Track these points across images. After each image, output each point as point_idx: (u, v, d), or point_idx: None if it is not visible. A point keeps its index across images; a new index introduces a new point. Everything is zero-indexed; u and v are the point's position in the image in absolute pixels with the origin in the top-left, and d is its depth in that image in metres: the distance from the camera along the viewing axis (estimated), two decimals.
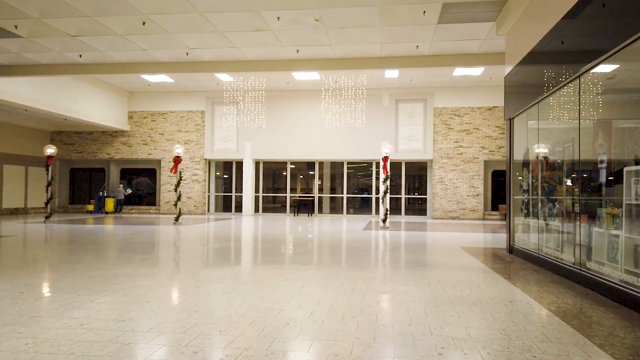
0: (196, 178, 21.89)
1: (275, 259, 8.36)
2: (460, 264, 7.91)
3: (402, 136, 21.03)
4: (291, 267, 7.37)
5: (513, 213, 9.50)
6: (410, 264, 7.88)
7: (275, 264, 7.66)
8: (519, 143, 9.39)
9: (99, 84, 20.19)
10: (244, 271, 7.16)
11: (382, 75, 19.09)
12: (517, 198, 9.53)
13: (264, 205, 22.99)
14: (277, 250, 9.63)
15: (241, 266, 7.65)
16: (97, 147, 22.40)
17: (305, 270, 7.08)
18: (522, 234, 9.16)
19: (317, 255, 8.85)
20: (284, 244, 10.70)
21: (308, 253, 9.18)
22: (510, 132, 9.58)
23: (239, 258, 8.57)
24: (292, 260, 8.10)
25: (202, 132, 21.94)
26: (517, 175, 9.50)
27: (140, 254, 8.59)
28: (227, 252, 9.20)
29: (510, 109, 9.53)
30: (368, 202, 22.00)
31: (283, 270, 7.07)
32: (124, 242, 10.63)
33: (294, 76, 19.20)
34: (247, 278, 6.47)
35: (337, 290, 5.63)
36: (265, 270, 7.10)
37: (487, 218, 20.53)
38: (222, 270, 7.04)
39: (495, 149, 20.39)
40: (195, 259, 8.35)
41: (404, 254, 9.12)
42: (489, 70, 18.10)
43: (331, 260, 8.25)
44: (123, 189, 21.90)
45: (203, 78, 19.78)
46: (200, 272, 6.90)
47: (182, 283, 6.02)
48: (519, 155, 9.38)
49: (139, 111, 22.25)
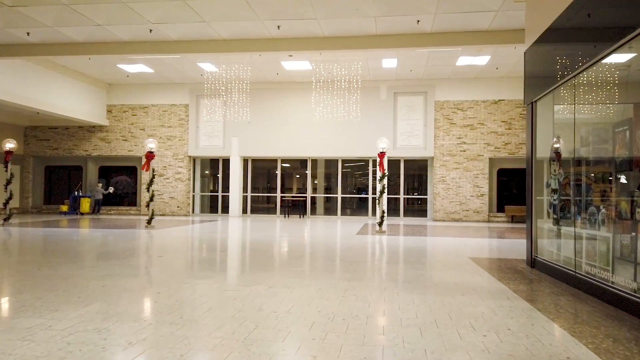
0: (179, 177, 20.04)
1: (229, 277, 6.52)
2: (474, 284, 6.07)
3: (401, 132, 19.18)
4: (247, 288, 5.53)
5: (535, 218, 7.65)
6: (408, 284, 6.03)
7: (223, 284, 5.82)
8: (543, 132, 7.54)
9: (74, 74, 18.36)
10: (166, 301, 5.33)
11: (380, 66, 17.26)
12: (540, 199, 7.68)
13: (255, 206, 21.14)
14: (240, 264, 7.79)
15: (172, 291, 5.81)
16: (73, 143, 20.55)
17: (269, 296, 5.24)
18: (548, 244, 7.31)
19: (290, 271, 7.01)
20: (256, 255, 8.86)
21: (280, 268, 7.33)
22: (532, 119, 7.73)
23: (182, 277, 6.73)
24: (252, 280, 6.26)
25: (186, 127, 20.09)
26: (532, 172, 7.67)
27: (67, 267, 6.77)
28: (177, 267, 7.36)
29: (532, 90, 7.69)
30: (365, 202, 20.17)
31: (228, 297, 5.24)
32: (68, 250, 8.80)
33: (283, 66, 17.37)
34: (172, 300, 4.64)
35: (302, 338, 3.80)
36: (210, 293, 5.27)
37: (493, 220, 18.69)
38: (150, 300, 5.20)
39: (501, 145, 18.54)
40: (126, 278, 6.50)
41: (401, 269, 7.28)
42: (495, 59, 16.27)
43: (308, 279, 6.41)
44: (102, 188, 20.04)
45: (186, 68, 17.95)
46: (120, 303, 5.06)
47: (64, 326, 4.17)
48: (544, 147, 7.54)
49: (119, 105, 20.40)
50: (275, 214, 20.34)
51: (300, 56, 16.08)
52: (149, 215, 13.73)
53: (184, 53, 12.65)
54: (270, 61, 16.82)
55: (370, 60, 16.66)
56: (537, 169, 7.70)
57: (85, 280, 5.95)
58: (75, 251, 8.71)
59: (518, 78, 18.43)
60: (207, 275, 6.48)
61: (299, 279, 6.28)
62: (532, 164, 7.70)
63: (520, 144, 18.42)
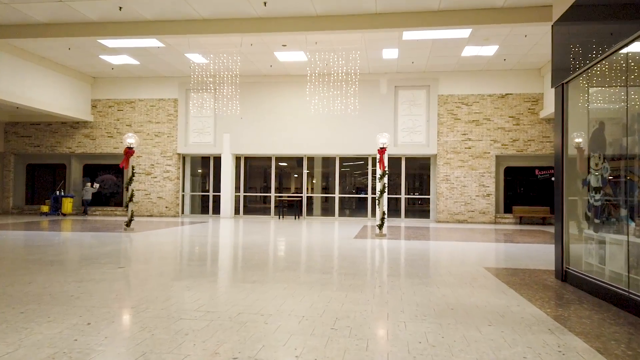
0: (168, 175, 18.69)
1: (183, 302, 5.18)
2: (500, 307, 4.73)
3: (402, 128, 17.83)
4: (204, 321, 4.20)
5: (567, 222, 6.31)
6: (418, 308, 4.70)
7: (177, 309, 4.48)
8: (577, 119, 6.21)
9: (56, 67, 17.01)
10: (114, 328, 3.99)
11: (380, 57, 15.92)
12: (572, 199, 6.35)
13: (251, 206, 19.82)
14: (214, 276, 6.45)
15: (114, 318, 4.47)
16: (56, 140, 19.20)
17: (236, 329, 3.91)
18: (586, 255, 5.96)
19: (271, 289, 5.67)
20: (238, 264, 7.52)
21: (261, 283, 5.99)
22: (562, 104, 6.39)
23: (131, 300, 5.38)
24: (225, 303, 4.92)
25: (175, 123, 18.74)
26: (563, 167, 6.33)
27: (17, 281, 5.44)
28: (135, 284, 6.01)
29: (563, 70, 6.35)
30: (364, 202, 18.83)
31: (179, 331, 3.90)
32: (17, 258, 7.45)
33: (277, 57, 16.03)
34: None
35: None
36: (155, 324, 3.93)
37: (500, 222, 17.35)
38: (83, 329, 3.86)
39: (509, 142, 17.20)
40: (57, 300, 5.15)
41: (407, 285, 5.93)
42: (503, 49, 14.94)
43: (290, 301, 5.07)
44: (91, 186, 18.69)
45: (173, 60, 16.61)
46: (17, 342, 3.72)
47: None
48: (577, 138, 6.21)
49: (104, 99, 19.06)
50: (269, 215, 19.00)
51: (294, 45, 14.76)
52: (128, 217, 12.39)
53: (159, 35, 11.27)
54: (262, 51, 15.49)
55: (370, 51, 15.33)
56: (568, 164, 6.36)
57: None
58: (25, 259, 7.37)
59: (527, 70, 17.10)
60: (164, 297, 5.14)
61: (280, 299, 4.94)
62: (562, 157, 6.36)
63: (528, 141, 17.08)
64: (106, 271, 6.50)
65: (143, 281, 5.87)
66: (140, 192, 18.63)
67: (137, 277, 6.16)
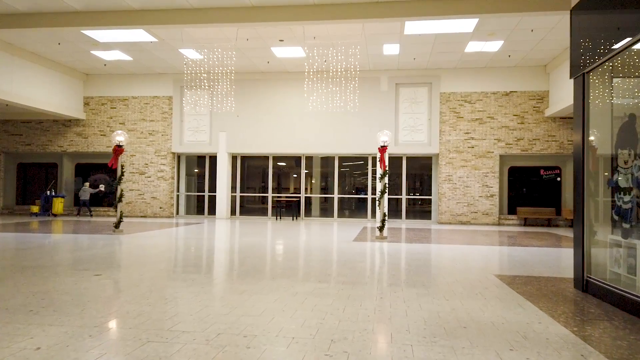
0: (162, 175, 18.05)
1: (173, 311, 4.54)
2: (520, 325, 4.10)
3: (403, 126, 17.20)
4: (176, 345, 3.57)
5: (589, 226, 5.68)
6: (425, 327, 4.06)
7: (149, 328, 3.85)
8: (599, 113, 5.58)
9: (47, 63, 16.37)
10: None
11: (380, 52, 15.29)
12: (592, 200, 5.72)
13: (249, 206, 19.20)
14: (199, 286, 5.82)
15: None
16: (47, 139, 18.56)
17: (218, 351, 3.28)
18: (611, 263, 5.33)
19: (259, 301, 5.05)
20: (227, 271, 6.89)
21: (252, 293, 5.36)
22: (582, 96, 5.76)
23: (100, 316, 4.75)
24: (205, 317, 4.30)
25: (170, 122, 18.10)
26: (583, 165, 5.71)
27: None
28: (108, 295, 5.38)
29: (582, 59, 5.72)
30: (364, 202, 18.19)
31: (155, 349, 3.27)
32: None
33: (274, 53, 15.40)
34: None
35: None
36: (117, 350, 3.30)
37: (504, 223, 16.71)
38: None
39: (513, 141, 16.57)
40: (16, 316, 4.52)
41: (411, 296, 5.30)
42: (508, 45, 14.33)
43: (279, 316, 4.44)
44: (90, 187, 18.06)
45: (167, 56, 15.99)
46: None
47: None
48: (600, 132, 5.59)
49: (97, 97, 18.41)
50: (267, 215, 18.36)
51: (291, 40, 14.14)
52: (117, 218, 11.75)
53: (147, 25, 10.59)
54: (259, 47, 14.86)
55: (370, 46, 14.70)
56: (587, 162, 5.73)
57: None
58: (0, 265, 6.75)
59: (532, 67, 16.47)
60: (136, 313, 4.51)
61: (268, 315, 4.31)
62: (583, 155, 5.73)
63: (533, 140, 16.45)
64: (80, 280, 5.87)
65: (117, 292, 5.23)
66: (134, 192, 18.00)
67: (111, 286, 5.52)
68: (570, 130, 16.29)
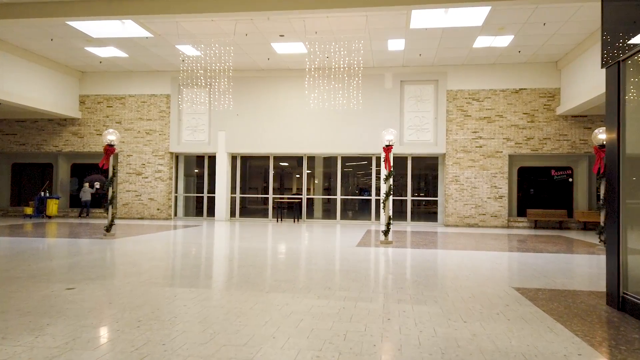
0: (160, 175, 17.37)
1: (142, 339, 3.84)
2: (554, 357, 3.38)
3: (409, 125, 16.45)
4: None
5: (625, 235, 4.94)
6: (442, 359, 3.35)
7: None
8: (635, 107, 4.84)
9: (41, 60, 15.74)
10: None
11: (384, 48, 14.56)
12: (629, 203, 4.98)
13: (248, 208, 18.53)
14: (180, 305, 5.11)
15: None
16: (42, 138, 17.92)
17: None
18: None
19: (253, 320, 4.34)
20: (215, 284, 6.19)
21: (239, 314, 4.65)
22: (618, 87, 5.02)
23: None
24: (176, 349, 3.59)
25: (168, 120, 17.43)
26: (619, 164, 4.97)
27: None
28: (69, 315, 4.69)
29: (619, 44, 4.97)
30: (367, 203, 17.44)
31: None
32: None
33: (274, 49, 14.71)
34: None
35: None
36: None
37: (513, 226, 15.93)
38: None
39: (523, 140, 15.79)
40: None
41: (420, 317, 4.57)
42: (519, 39, 13.57)
43: (272, 342, 3.73)
44: (89, 187, 17.42)
45: (164, 52, 15.32)
46: None
47: None
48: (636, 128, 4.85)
49: (93, 95, 17.76)
50: (267, 217, 17.65)
51: (292, 35, 13.44)
52: (108, 221, 11.07)
53: (136, 15, 9.92)
54: (259, 42, 14.17)
55: (374, 41, 13.98)
56: (626, 161, 4.98)
57: None
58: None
59: (543, 64, 15.70)
60: (100, 341, 3.80)
61: (252, 346, 3.60)
62: (618, 153, 4.99)
63: (544, 139, 15.67)
64: (49, 294, 5.18)
65: (85, 311, 4.53)
66: (131, 193, 17.34)
67: (82, 303, 4.82)
68: (582, 129, 15.51)
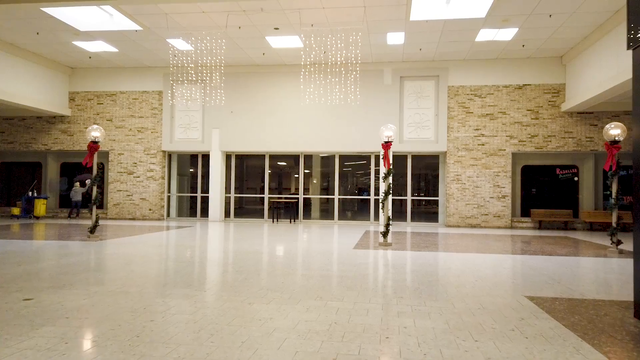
0: (152, 175, 16.71)
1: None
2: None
3: (408, 122, 15.81)
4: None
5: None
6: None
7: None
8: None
9: (28, 55, 15.10)
10: None
11: (383, 42, 13.93)
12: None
13: (245, 208, 17.89)
14: (147, 322, 4.46)
15: None
16: (31, 137, 17.27)
17: None
18: None
19: (229, 335, 3.70)
20: (194, 296, 5.53)
21: (209, 333, 4.00)
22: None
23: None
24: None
25: (160, 118, 16.78)
26: None
27: None
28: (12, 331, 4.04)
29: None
30: (366, 203, 16.78)
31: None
32: None
33: (269, 43, 14.07)
34: None
35: None
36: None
37: (516, 226, 15.29)
38: None
39: (527, 138, 15.15)
40: None
41: (424, 335, 3.92)
42: (523, 33, 12.95)
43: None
44: (80, 186, 16.76)
45: (155, 47, 14.68)
46: None
47: None
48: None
49: (83, 92, 17.12)
50: (263, 218, 16.99)
51: (287, 28, 12.81)
52: (92, 222, 10.41)
53: (115, 1, 9.26)
54: (253, 36, 13.54)
55: (373, 35, 13.34)
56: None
57: None
58: None
59: (547, 59, 15.06)
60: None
61: None
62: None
63: (549, 137, 15.02)
64: (1, 306, 4.53)
65: (33, 328, 3.88)
66: (122, 193, 16.70)
67: (33, 317, 4.17)
68: (589, 126, 14.87)
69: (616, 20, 11.68)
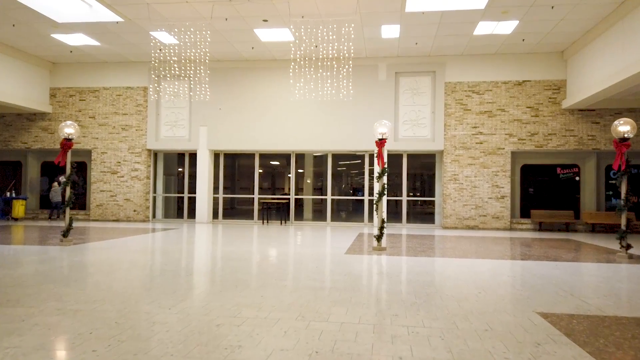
0: (136, 174, 15.93)
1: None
2: None
3: (404, 120, 15.12)
4: None
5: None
6: None
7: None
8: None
9: (6, 49, 14.30)
10: None
11: (378, 35, 13.24)
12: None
13: (237, 208, 17.14)
14: (89, 343, 3.73)
15: None
16: (10, 134, 16.44)
17: None
18: None
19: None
20: (152, 307, 4.79)
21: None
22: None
23: None
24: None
25: (145, 115, 16.00)
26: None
27: None
28: None
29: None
30: (360, 204, 16.07)
31: None
32: None
33: (258, 36, 13.36)
34: None
35: None
36: None
37: (516, 228, 14.64)
38: None
39: (526, 136, 14.50)
40: None
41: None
42: (523, 26, 12.32)
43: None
44: (59, 186, 15.95)
45: (138, 41, 13.92)
46: None
47: None
48: None
49: (64, 88, 16.31)
50: (253, 219, 16.25)
51: (276, 20, 12.09)
52: (65, 225, 9.63)
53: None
54: (240, 29, 12.82)
55: (367, 27, 12.65)
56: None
57: None
58: None
59: (548, 54, 14.42)
60: None
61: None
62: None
63: (549, 135, 14.38)
64: None
65: None
66: (105, 193, 15.91)
67: None
68: (590, 124, 14.24)
69: (622, 11, 11.02)
